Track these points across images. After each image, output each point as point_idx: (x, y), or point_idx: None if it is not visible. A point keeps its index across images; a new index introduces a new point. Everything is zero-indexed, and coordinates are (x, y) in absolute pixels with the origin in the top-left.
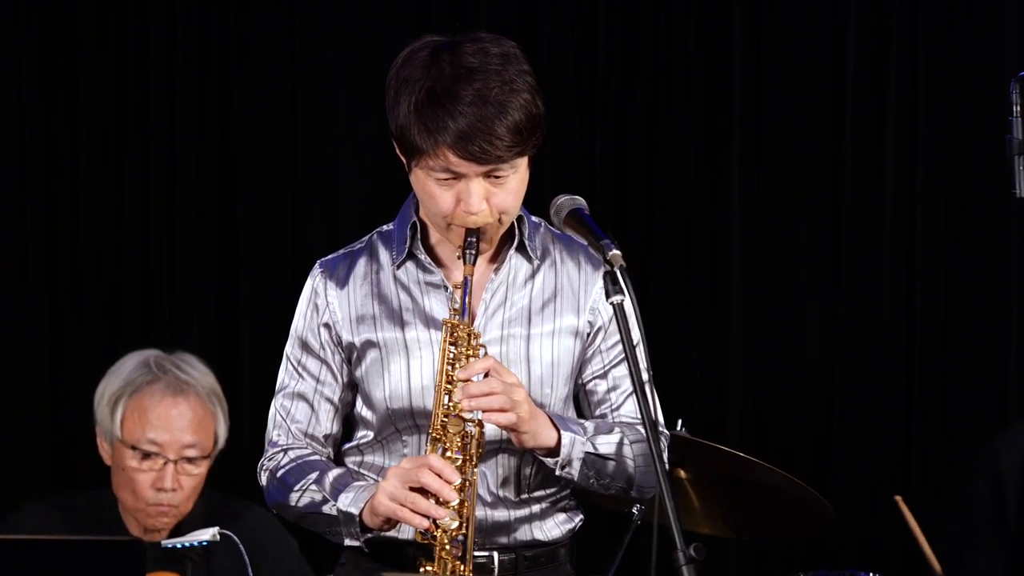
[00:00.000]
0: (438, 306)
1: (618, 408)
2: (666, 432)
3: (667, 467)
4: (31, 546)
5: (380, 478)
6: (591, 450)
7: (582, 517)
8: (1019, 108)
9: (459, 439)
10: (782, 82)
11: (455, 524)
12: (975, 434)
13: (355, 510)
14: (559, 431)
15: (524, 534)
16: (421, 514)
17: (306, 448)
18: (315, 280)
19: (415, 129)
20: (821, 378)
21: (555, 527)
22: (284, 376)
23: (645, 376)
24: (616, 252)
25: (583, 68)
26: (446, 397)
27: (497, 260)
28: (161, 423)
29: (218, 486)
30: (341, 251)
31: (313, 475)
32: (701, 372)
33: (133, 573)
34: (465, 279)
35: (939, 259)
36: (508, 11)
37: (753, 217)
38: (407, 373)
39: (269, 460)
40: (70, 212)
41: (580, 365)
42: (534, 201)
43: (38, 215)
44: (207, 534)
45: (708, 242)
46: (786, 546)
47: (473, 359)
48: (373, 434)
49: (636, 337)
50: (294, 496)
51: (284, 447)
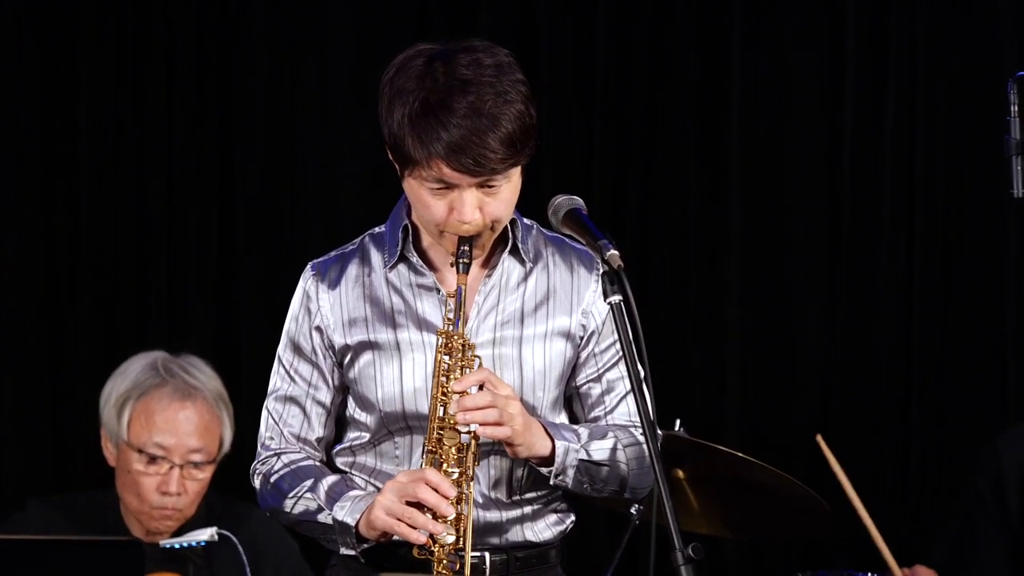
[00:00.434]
0: (430, 308)
1: (612, 411)
2: (659, 432)
3: (663, 466)
4: (31, 546)
5: (372, 479)
6: (585, 457)
7: (573, 519)
8: (1017, 108)
9: (455, 452)
10: (780, 82)
11: (452, 539)
12: (973, 434)
13: (351, 521)
14: (553, 440)
15: (516, 535)
16: (419, 529)
17: (299, 452)
18: (307, 282)
19: (409, 140)
20: (819, 378)
21: (546, 528)
22: (276, 379)
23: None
24: (614, 252)
25: (582, 68)
26: (441, 409)
27: (490, 263)
28: (168, 427)
29: (219, 489)
30: (332, 253)
31: (308, 482)
32: (699, 372)
33: (132, 573)
34: (459, 289)
35: (937, 258)
36: (507, 12)
37: (751, 217)
38: (400, 375)
39: (262, 464)
40: (69, 213)
41: (573, 368)
42: (533, 202)
43: (37, 215)
44: (205, 534)
45: (706, 242)
46: (784, 546)
47: (468, 371)
48: (367, 436)
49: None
50: (288, 503)
51: (277, 451)
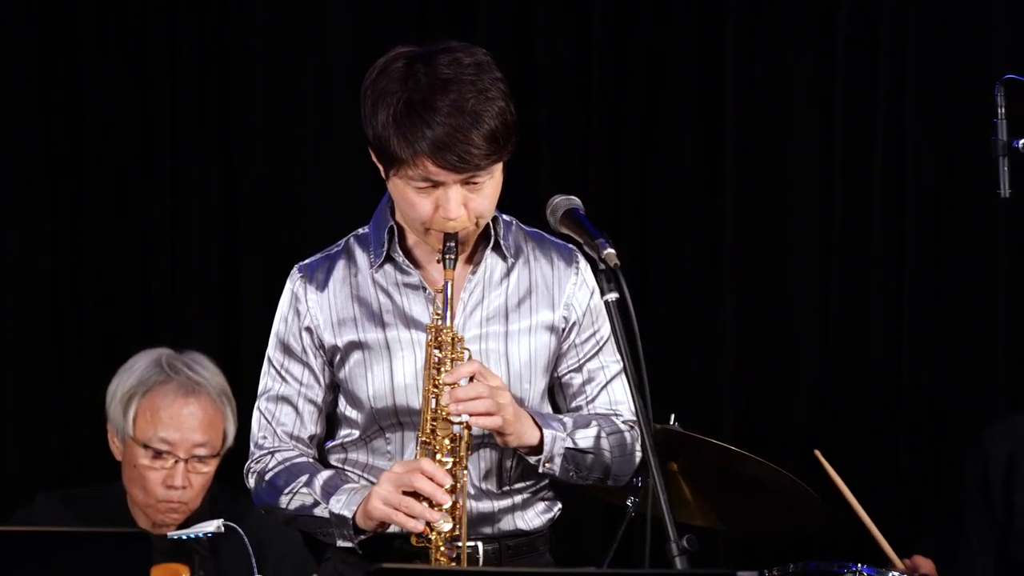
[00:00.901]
0: (417, 306)
1: (593, 400)
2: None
3: (658, 459)
4: (40, 538)
5: (365, 474)
6: (571, 445)
7: (560, 507)
8: (1004, 111)
9: (448, 442)
10: (774, 85)
11: (448, 526)
12: (964, 429)
13: (348, 513)
14: (541, 429)
15: (507, 524)
16: (416, 518)
17: (292, 450)
18: (294, 284)
19: (394, 140)
20: (812, 373)
21: (536, 517)
22: (267, 380)
23: (618, 367)
24: (610, 251)
25: (579, 69)
26: (433, 401)
27: (473, 260)
28: (173, 423)
29: (224, 481)
30: (318, 255)
31: (303, 478)
32: (694, 368)
33: (139, 565)
34: (446, 284)
35: (927, 257)
36: (505, 12)
37: (746, 216)
38: (390, 373)
39: (256, 463)
40: (73, 212)
41: (556, 359)
42: (531, 201)
43: (42, 215)
44: (212, 526)
45: (702, 240)
46: (777, 538)
47: (458, 363)
48: (358, 432)
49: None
50: (284, 499)
51: (271, 449)
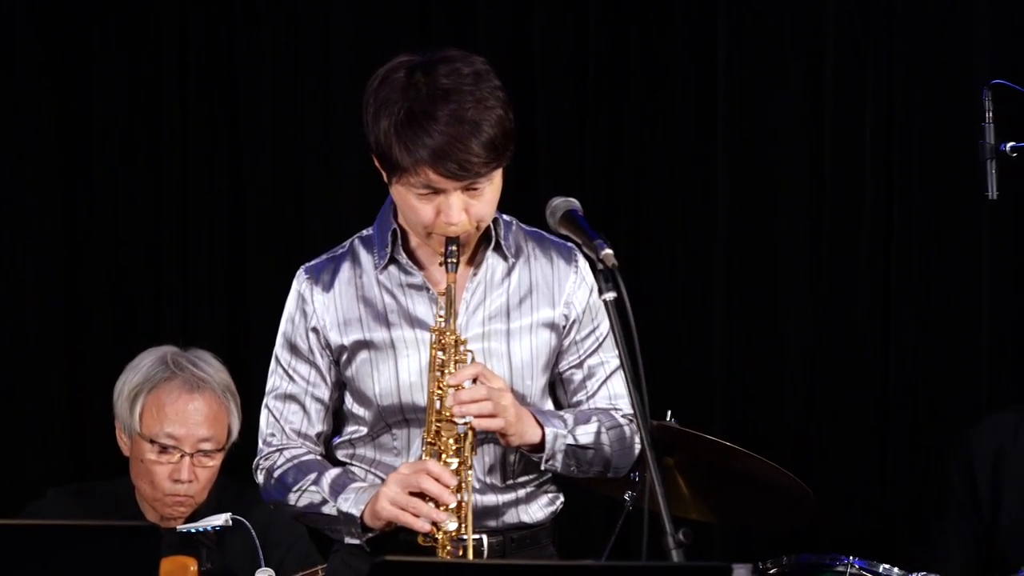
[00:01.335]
0: (421, 306)
1: (593, 395)
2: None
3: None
4: (52, 531)
5: (372, 469)
6: (572, 442)
7: (563, 500)
8: (991, 115)
9: (453, 443)
10: (764, 87)
11: (454, 526)
12: (948, 425)
13: (356, 512)
14: (543, 428)
15: (511, 517)
16: (423, 518)
17: (300, 448)
18: (301, 285)
19: (396, 148)
20: (802, 370)
21: (539, 510)
22: (275, 379)
23: (614, 364)
24: (608, 251)
25: (575, 72)
26: (437, 402)
27: (475, 261)
28: (178, 418)
29: (231, 475)
30: (324, 256)
31: (311, 476)
32: (688, 365)
33: (149, 558)
34: (448, 287)
35: (914, 257)
36: (504, 15)
37: (737, 216)
38: (395, 371)
39: (265, 460)
40: (86, 214)
41: (557, 356)
42: (530, 202)
43: (55, 217)
44: (220, 519)
45: (694, 240)
46: (770, 531)
47: (461, 365)
48: (365, 429)
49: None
50: (292, 496)
51: (279, 447)
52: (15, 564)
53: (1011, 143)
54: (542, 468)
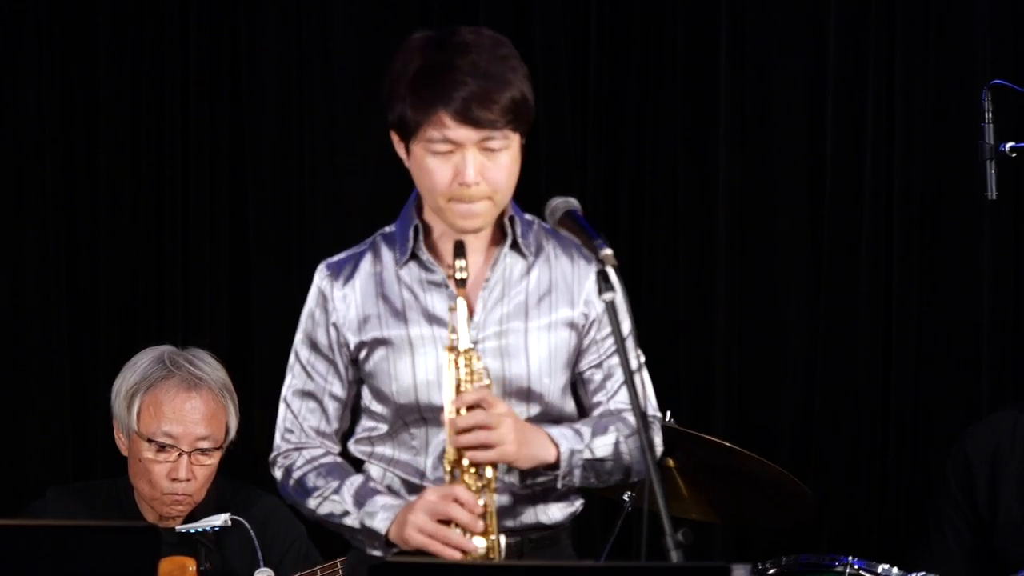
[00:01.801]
0: (439, 303)
1: (614, 395)
2: (659, 415)
3: (663, 450)
4: (51, 531)
5: (390, 467)
6: (590, 456)
7: (583, 501)
8: (990, 115)
9: (474, 468)
10: (765, 87)
11: (483, 550)
12: (948, 425)
13: (382, 529)
14: (558, 446)
15: (529, 518)
16: (452, 547)
17: (319, 447)
18: (322, 281)
19: (413, 99)
20: (802, 371)
21: (557, 511)
22: (293, 374)
23: (635, 365)
24: (608, 251)
25: (576, 72)
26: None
27: (492, 259)
28: (175, 417)
29: (229, 474)
30: (345, 253)
31: (333, 484)
32: (688, 365)
33: (148, 558)
34: (459, 303)
35: (915, 257)
36: (504, 16)
37: (738, 216)
38: (412, 369)
39: (284, 457)
40: (89, 216)
41: (577, 355)
42: (529, 202)
43: (59, 219)
44: (219, 519)
45: (695, 240)
46: (770, 531)
47: (466, 390)
48: (385, 427)
49: (627, 331)
50: (313, 502)
51: (297, 445)
52: (15, 564)
53: (1011, 143)
54: (558, 485)
